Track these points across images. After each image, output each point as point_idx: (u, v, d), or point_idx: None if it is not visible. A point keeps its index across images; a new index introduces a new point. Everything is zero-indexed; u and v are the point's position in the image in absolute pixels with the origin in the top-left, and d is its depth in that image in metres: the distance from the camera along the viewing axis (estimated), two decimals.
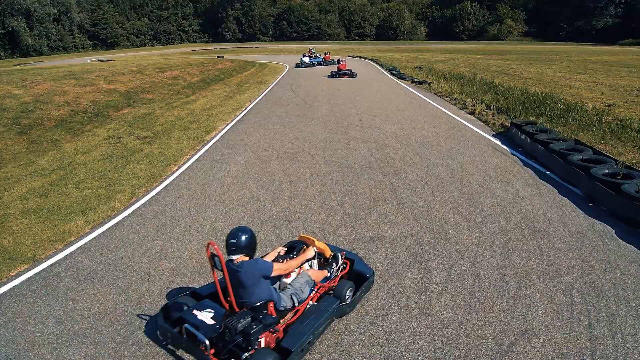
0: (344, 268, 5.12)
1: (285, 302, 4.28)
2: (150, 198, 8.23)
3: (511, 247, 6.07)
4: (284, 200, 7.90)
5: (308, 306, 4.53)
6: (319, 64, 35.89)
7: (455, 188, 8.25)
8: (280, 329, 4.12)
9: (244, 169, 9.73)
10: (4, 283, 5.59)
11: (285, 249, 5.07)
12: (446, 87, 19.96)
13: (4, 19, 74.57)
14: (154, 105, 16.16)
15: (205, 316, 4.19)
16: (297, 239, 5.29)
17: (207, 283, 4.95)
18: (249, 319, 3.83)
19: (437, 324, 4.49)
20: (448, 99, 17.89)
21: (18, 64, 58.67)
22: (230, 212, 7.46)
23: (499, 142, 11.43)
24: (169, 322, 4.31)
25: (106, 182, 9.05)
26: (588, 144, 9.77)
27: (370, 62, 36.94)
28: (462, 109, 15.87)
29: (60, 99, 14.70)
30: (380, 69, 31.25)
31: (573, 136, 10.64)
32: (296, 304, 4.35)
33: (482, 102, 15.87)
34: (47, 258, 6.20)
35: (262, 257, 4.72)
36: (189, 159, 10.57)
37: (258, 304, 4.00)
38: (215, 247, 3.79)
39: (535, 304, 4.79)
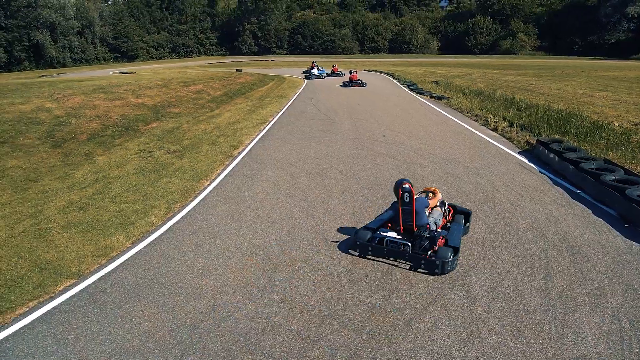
0: (449, 211, 7.37)
1: (431, 225, 6.44)
2: (186, 213, 8.28)
3: (552, 269, 5.97)
4: (318, 218, 7.88)
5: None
6: (328, 75, 38.07)
7: (487, 207, 8.17)
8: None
9: (274, 184, 9.75)
10: (52, 298, 5.65)
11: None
12: (466, 103, 19.87)
13: (29, 32, 76.23)
14: (181, 119, 16.33)
15: (392, 234, 6.46)
16: (424, 190, 7.31)
17: (373, 220, 7.17)
18: (427, 232, 6.25)
19: (487, 349, 4.42)
20: (469, 114, 17.79)
21: (42, 75, 59.85)
22: (266, 229, 7.47)
23: (525, 160, 11.31)
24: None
25: (141, 196, 9.13)
26: (618, 163, 9.62)
27: (387, 76, 36.97)
28: (484, 125, 15.77)
29: (91, 113, 14.93)
30: (397, 83, 31.24)
31: (602, 155, 10.49)
32: (438, 227, 6.62)
33: (504, 119, 15.76)
34: (92, 273, 6.25)
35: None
36: (219, 174, 10.63)
37: (422, 225, 6.31)
38: (409, 184, 6.22)
39: (583, 330, 4.69)
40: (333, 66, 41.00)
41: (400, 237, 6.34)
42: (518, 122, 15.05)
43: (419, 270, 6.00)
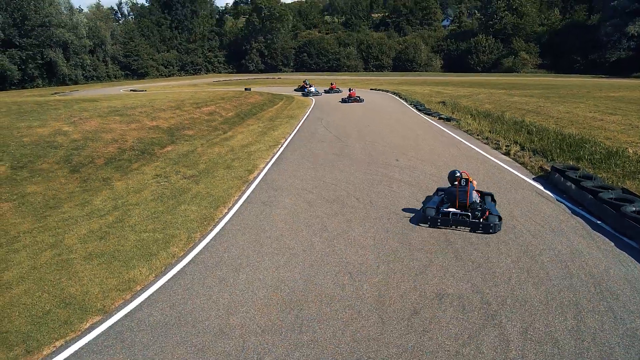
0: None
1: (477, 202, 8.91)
2: (207, 244, 8.18)
3: (582, 308, 5.82)
4: (339, 249, 7.76)
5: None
6: (326, 92, 41.31)
7: (509, 238, 8.03)
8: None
9: (293, 213, 9.65)
10: (79, 337, 5.53)
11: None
12: (475, 125, 19.80)
13: (42, 50, 77.17)
14: (195, 142, 16.33)
15: (452, 210, 8.77)
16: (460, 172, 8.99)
17: (429, 202, 9.42)
18: (478, 205, 8.76)
19: None
20: (479, 137, 17.72)
21: (55, 93, 60.49)
22: (288, 261, 7.35)
23: (541, 187, 11.18)
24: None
25: (161, 224, 9.05)
26: (637, 193, 9.47)
27: (394, 96, 37.03)
28: (496, 149, 15.68)
29: (107, 137, 14.95)
30: (404, 103, 31.27)
31: (619, 184, 10.34)
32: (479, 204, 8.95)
33: (515, 143, 15.66)
34: (117, 309, 6.14)
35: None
36: (237, 201, 10.55)
37: (473, 202, 8.76)
38: (466, 173, 8.91)
39: None
40: (331, 84, 44.16)
41: (459, 210, 8.74)
42: (530, 147, 14.93)
43: (477, 232, 8.42)
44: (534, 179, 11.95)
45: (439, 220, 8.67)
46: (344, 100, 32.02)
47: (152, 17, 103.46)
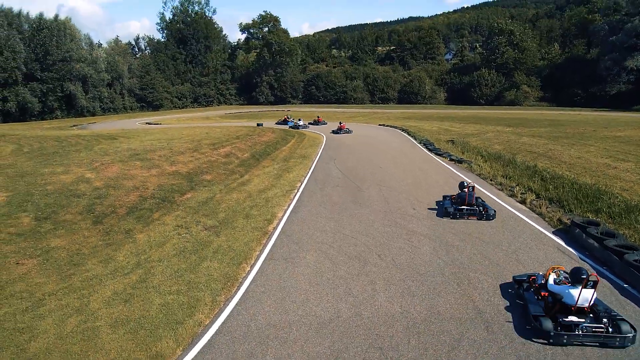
0: None
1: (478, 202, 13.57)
2: (233, 309, 7.92)
3: None
4: (367, 318, 7.47)
5: None
6: (311, 124, 45.66)
7: None
8: None
9: (316, 272, 9.40)
10: None
11: None
12: (487, 169, 19.62)
13: (62, 84, 78.67)
14: (214, 188, 16.21)
15: (464, 206, 13.16)
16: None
17: (445, 202, 13.77)
18: (480, 202, 13.63)
19: None
20: (493, 183, 17.50)
21: (74, 125, 61.32)
22: (316, 333, 7.06)
23: (562, 243, 10.88)
24: None
25: (185, 285, 8.82)
26: None
27: (402, 132, 37.03)
28: (511, 196, 15.43)
29: (129, 184, 14.89)
30: (414, 141, 31.22)
31: None
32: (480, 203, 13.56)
33: (530, 190, 15.40)
34: None
35: None
36: (259, 256, 10.33)
37: (477, 200, 13.58)
38: (470, 183, 13.74)
39: None
40: (318, 117, 47.75)
41: (469, 207, 12.88)
42: (545, 195, 14.69)
43: (482, 220, 12.63)
44: (554, 233, 11.66)
45: (457, 214, 12.84)
46: (335, 131, 36.91)
47: (168, 52, 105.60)
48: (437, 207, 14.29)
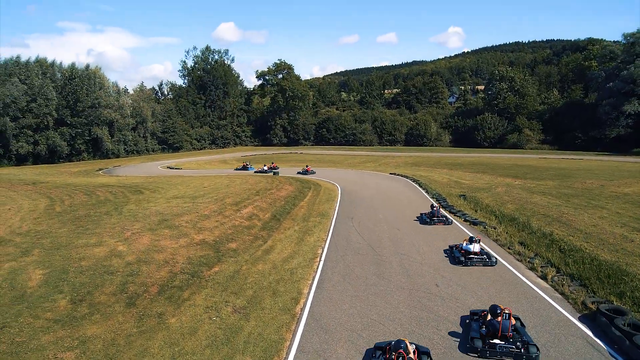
0: None
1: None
2: None
3: None
4: None
5: None
6: (268, 170, 48.75)
7: None
8: None
9: None
10: None
11: None
12: (504, 234, 19.25)
13: (90, 128, 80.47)
14: (240, 259, 16.00)
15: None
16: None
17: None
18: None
19: None
20: (511, 251, 17.10)
21: (100, 169, 62.18)
22: None
23: (590, 333, 10.42)
24: None
25: None
26: None
27: (413, 183, 36.87)
28: (531, 269, 15.01)
29: (159, 257, 14.77)
30: (426, 195, 31.00)
31: None
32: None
33: (550, 264, 14.98)
34: None
35: None
36: (290, 348, 9.98)
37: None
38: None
39: None
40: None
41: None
42: (565, 270, 14.26)
43: None
44: (580, 319, 11.21)
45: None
46: (301, 172, 45.03)
47: (189, 97, 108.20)
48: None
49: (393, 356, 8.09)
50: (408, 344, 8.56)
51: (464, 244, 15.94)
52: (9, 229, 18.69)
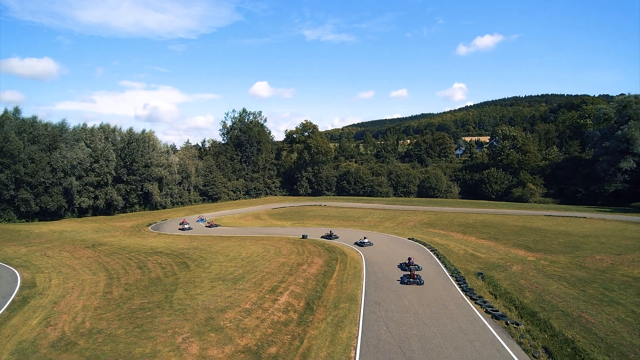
0: None
1: None
2: None
3: None
4: None
5: None
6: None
7: None
8: None
9: None
10: None
11: None
12: (527, 335, 17.92)
13: (143, 184, 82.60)
14: None
15: None
16: None
17: None
18: None
19: None
20: (536, 359, 15.81)
21: (149, 225, 62.98)
22: None
23: None
24: None
25: None
26: None
27: (431, 253, 35.59)
28: None
29: None
30: (444, 270, 29.76)
31: None
32: None
33: None
34: None
35: None
36: None
37: None
38: None
39: None
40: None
41: None
42: None
43: None
44: None
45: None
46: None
47: (227, 154, 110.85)
48: None
49: None
50: None
51: None
52: (73, 324, 18.56)
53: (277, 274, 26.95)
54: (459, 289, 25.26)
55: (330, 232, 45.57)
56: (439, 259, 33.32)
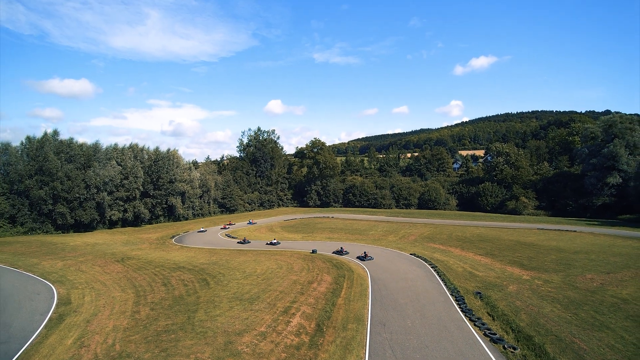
0: None
1: None
2: None
3: None
4: None
5: None
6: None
7: None
8: None
9: None
10: None
11: None
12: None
13: (167, 198, 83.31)
14: None
15: None
16: None
17: None
18: None
19: None
20: None
21: (173, 237, 63.33)
22: None
23: None
24: None
25: None
26: None
27: (432, 270, 35.11)
28: None
29: None
30: (444, 289, 29.27)
31: None
32: None
33: None
34: None
35: None
36: None
37: None
38: None
39: None
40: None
41: None
42: None
43: None
44: None
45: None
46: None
47: (243, 169, 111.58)
48: None
49: None
50: None
51: None
52: (105, 346, 18.62)
53: (290, 293, 26.79)
54: (458, 310, 24.79)
55: (341, 248, 45.13)
56: (440, 276, 32.81)
